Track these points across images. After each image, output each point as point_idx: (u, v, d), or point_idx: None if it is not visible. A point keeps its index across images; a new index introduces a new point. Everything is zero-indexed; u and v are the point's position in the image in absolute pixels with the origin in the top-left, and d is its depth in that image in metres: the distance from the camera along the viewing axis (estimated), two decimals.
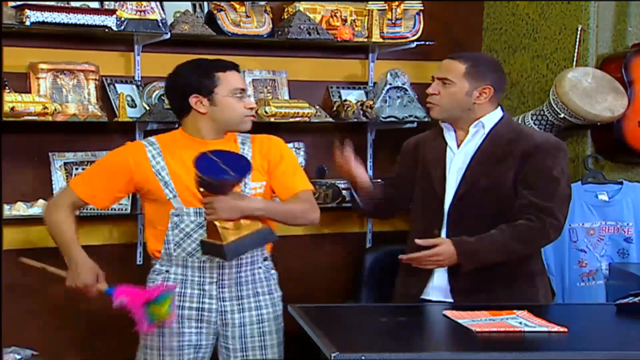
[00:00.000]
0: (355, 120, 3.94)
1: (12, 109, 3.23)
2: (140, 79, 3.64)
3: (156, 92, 3.65)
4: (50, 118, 3.33)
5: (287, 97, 3.91)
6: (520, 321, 2.57)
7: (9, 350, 2.43)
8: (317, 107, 3.92)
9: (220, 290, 2.87)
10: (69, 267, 2.84)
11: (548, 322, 2.54)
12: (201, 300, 2.85)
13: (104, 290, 2.79)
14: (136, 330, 2.70)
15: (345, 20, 3.95)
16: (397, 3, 3.95)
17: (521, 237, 2.88)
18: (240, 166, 2.68)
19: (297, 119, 3.75)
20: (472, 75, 2.94)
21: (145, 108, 3.60)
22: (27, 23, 3.24)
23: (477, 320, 2.59)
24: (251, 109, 2.89)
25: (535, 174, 2.90)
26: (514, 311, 2.67)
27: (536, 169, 2.90)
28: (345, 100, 3.95)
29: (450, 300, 2.95)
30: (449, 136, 3.02)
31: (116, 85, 3.60)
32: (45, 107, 3.30)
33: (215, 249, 2.69)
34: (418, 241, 2.85)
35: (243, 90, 2.87)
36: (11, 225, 3.41)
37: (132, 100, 3.61)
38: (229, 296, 2.88)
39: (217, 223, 2.66)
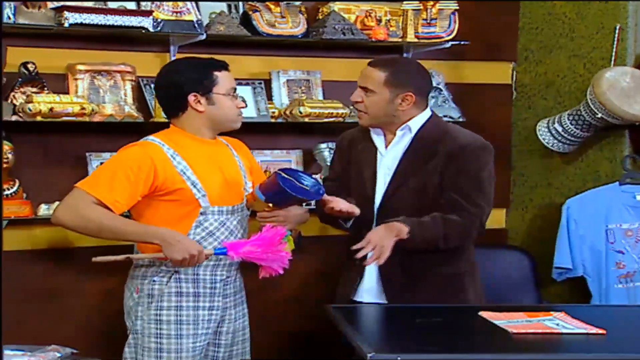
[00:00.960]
0: None
1: (51, 109, 3.28)
2: None
3: None
4: (87, 118, 3.37)
5: (321, 98, 3.92)
6: (557, 322, 2.56)
7: (49, 348, 2.46)
8: (351, 107, 3.92)
9: (225, 287, 2.89)
10: (163, 245, 2.69)
11: (586, 324, 2.53)
12: (212, 298, 2.85)
13: (213, 253, 2.75)
14: (269, 275, 2.76)
15: (380, 20, 3.95)
16: (432, 3, 3.95)
17: (452, 227, 2.85)
18: (315, 187, 2.82)
19: (331, 119, 3.76)
20: (393, 83, 2.88)
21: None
22: (66, 24, 3.28)
23: (513, 322, 2.58)
24: (242, 108, 2.92)
25: (461, 174, 2.87)
26: (551, 312, 2.66)
27: (462, 169, 2.88)
28: None
29: (383, 301, 2.95)
30: (378, 139, 2.98)
31: (152, 86, 3.62)
32: (82, 108, 3.34)
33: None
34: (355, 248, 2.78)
35: (235, 89, 2.90)
36: (47, 225, 3.45)
37: None
38: (231, 292, 2.92)
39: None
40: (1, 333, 1.31)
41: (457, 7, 4.01)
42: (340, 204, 2.83)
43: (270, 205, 2.82)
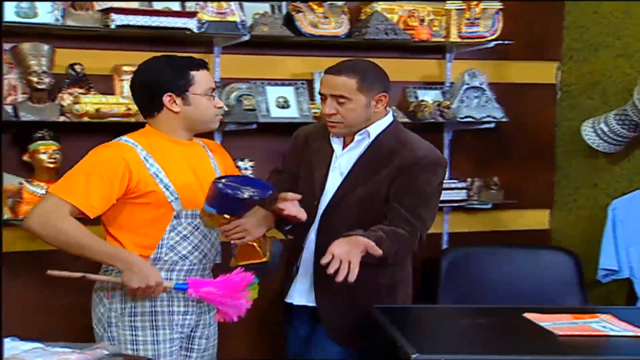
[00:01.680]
0: (432, 120, 3.93)
1: (97, 110, 3.33)
2: (219, 80, 3.70)
3: (235, 93, 3.70)
4: (133, 119, 3.40)
5: None
6: (604, 325, 2.54)
7: (95, 346, 2.49)
8: (394, 107, 3.93)
9: None
10: (124, 270, 2.61)
11: (633, 327, 2.50)
12: (186, 303, 2.78)
13: (173, 287, 2.67)
14: (228, 320, 2.67)
15: (423, 20, 3.95)
16: (475, 2, 3.93)
17: (401, 243, 2.73)
18: (261, 185, 2.71)
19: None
20: (365, 87, 2.78)
21: (224, 109, 3.66)
22: (112, 26, 3.32)
23: (559, 324, 2.57)
24: (220, 108, 2.84)
25: (409, 187, 2.78)
26: (597, 314, 2.64)
27: (410, 182, 2.79)
28: (422, 101, 3.95)
29: (313, 304, 2.88)
30: (336, 140, 2.89)
31: None
32: (128, 109, 3.39)
33: (261, 268, 2.73)
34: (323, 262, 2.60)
35: (214, 89, 2.81)
36: (96, 224, 3.49)
37: None
38: None
39: (253, 243, 2.74)
40: (1, 333, 1.30)
41: (502, 7, 3.99)
42: (290, 208, 2.73)
43: (227, 216, 2.69)
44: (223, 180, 2.62)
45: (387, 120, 2.87)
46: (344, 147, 2.88)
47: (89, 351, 2.30)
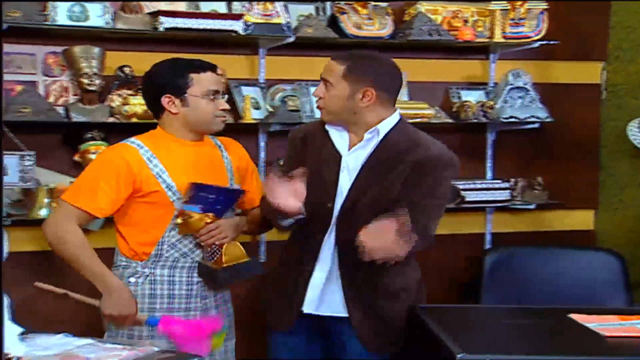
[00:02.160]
0: (475, 120, 3.94)
1: (146, 111, 3.34)
2: (264, 81, 3.74)
3: (279, 94, 3.75)
4: None
5: (406, 99, 3.93)
6: None
7: (146, 343, 2.53)
8: (437, 108, 3.94)
9: (203, 288, 2.82)
10: (104, 294, 2.69)
11: None
12: (188, 300, 2.79)
13: (145, 320, 2.68)
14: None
15: (467, 21, 3.95)
16: (520, 2, 3.93)
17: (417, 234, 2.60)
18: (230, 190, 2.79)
19: (417, 120, 3.76)
20: (351, 76, 2.65)
21: (268, 110, 3.70)
22: (160, 29, 3.38)
23: (606, 325, 2.55)
24: (224, 110, 2.80)
25: (420, 186, 2.68)
26: None
27: (422, 181, 2.68)
28: (466, 101, 3.95)
29: (345, 314, 2.74)
30: (339, 140, 2.75)
31: (241, 87, 3.70)
32: None
33: (209, 272, 2.74)
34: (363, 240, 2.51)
35: (217, 91, 2.79)
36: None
37: (257, 102, 3.70)
38: (210, 293, 2.84)
39: (237, 242, 2.76)
40: (2, 332, 1.34)
41: (547, 7, 3.97)
42: (286, 203, 2.58)
43: (210, 216, 2.71)
44: (197, 184, 2.69)
45: (395, 118, 2.73)
46: (350, 146, 2.74)
47: (140, 347, 2.35)
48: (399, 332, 2.78)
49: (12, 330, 1.64)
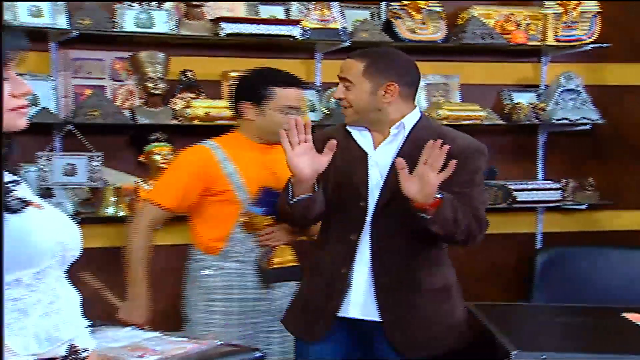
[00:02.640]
0: (527, 122, 3.90)
1: (207, 113, 3.41)
2: (320, 84, 3.74)
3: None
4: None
5: (459, 101, 3.91)
6: None
7: (209, 336, 2.56)
8: (489, 110, 3.91)
9: None
10: (128, 299, 2.82)
11: None
12: (258, 290, 2.85)
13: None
14: None
15: (519, 24, 3.91)
16: (573, 5, 3.87)
17: (467, 216, 2.49)
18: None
19: (469, 122, 3.75)
20: (372, 72, 2.52)
21: (324, 112, 3.71)
22: (222, 34, 3.40)
23: None
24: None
25: (461, 177, 2.50)
26: None
27: (462, 172, 2.50)
28: (518, 103, 3.91)
29: (378, 319, 2.54)
30: (363, 140, 2.59)
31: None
32: None
33: (260, 270, 2.81)
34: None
35: (293, 107, 2.83)
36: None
37: (313, 104, 3.71)
38: (278, 284, 2.90)
39: (289, 246, 2.84)
40: (2, 331, 1.36)
41: (600, 10, 3.91)
42: (302, 170, 2.46)
43: (269, 219, 2.78)
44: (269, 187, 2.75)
45: (417, 114, 2.60)
46: (375, 145, 2.58)
47: (203, 341, 2.38)
48: (439, 334, 2.57)
49: (81, 323, 1.67)
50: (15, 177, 1.59)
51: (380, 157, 2.57)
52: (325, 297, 2.59)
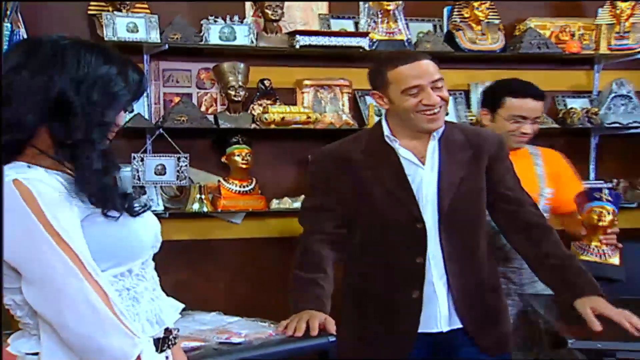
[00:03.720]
0: (581, 126, 3.83)
1: (282, 118, 3.43)
2: None
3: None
4: (311, 126, 3.49)
5: None
6: None
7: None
8: (544, 115, 3.85)
9: None
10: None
11: None
12: None
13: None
14: None
15: (574, 35, 3.86)
16: (625, 16, 3.79)
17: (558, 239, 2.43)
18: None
19: None
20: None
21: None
22: (296, 46, 3.42)
23: None
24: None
25: (505, 170, 2.43)
26: None
27: (508, 168, 2.45)
28: (571, 108, 3.85)
29: (460, 326, 2.38)
30: (407, 152, 2.35)
31: (365, 97, 3.70)
32: (308, 117, 3.47)
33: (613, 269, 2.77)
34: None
35: (523, 117, 2.78)
36: (278, 217, 3.61)
37: (379, 110, 3.71)
38: None
39: None
40: (1, 331, 1.41)
41: None
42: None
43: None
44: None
45: None
46: (419, 155, 2.35)
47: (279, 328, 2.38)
48: (510, 328, 2.52)
49: (174, 305, 1.70)
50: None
51: (429, 169, 2.35)
52: (397, 320, 2.37)
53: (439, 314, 2.37)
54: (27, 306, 1.48)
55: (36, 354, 1.50)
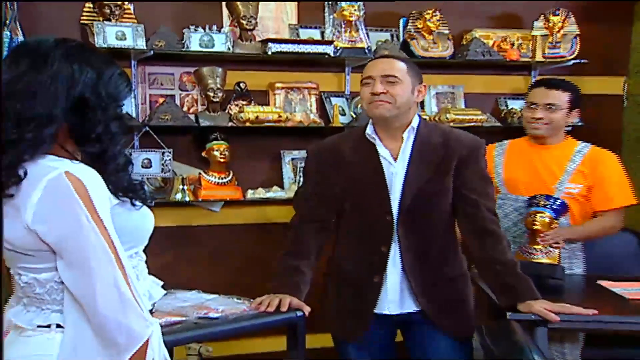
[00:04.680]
0: (519, 125, 3.85)
1: (257, 117, 3.41)
2: (349, 93, 3.74)
3: (360, 102, 3.74)
4: (282, 124, 3.48)
5: (463, 107, 3.89)
6: None
7: None
8: (488, 114, 3.89)
9: None
10: None
11: None
12: None
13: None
14: None
15: (513, 44, 3.89)
16: (557, 29, 3.82)
17: (508, 249, 2.36)
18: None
19: (472, 124, 3.73)
20: (411, 74, 2.34)
21: (352, 116, 3.70)
22: (269, 52, 3.41)
23: (629, 289, 2.50)
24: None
25: (474, 174, 2.35)
26: None
27: (477, 172, 2.36)
28: (512, 109, 3.89)
29: (416, 309, 2.38)
30: (383, 149, 2.36)
31: (331, 98, 3.72)
32: (279, 116, 3.46)
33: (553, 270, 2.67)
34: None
35: (535, 103, 2.88)
36: (253, 206, 3.61)
37: (343, 110, 3.72)
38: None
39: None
40: (1, 330, 1.39)
41: (579, 32, 3.87)
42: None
43: (556, 222, 2.76)
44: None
45: (417, 117, 2.39)
46: (393, 153, 2.35)
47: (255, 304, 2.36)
48: (471, 312, 2.45)
49: (157, 282, 1.70)
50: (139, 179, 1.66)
51: (399, 165, 2.35)
52: (360, 301, 2.38)
53: (387, 298, 2.37)
54: (50, 284, 1.47)
55: (48, 326, 1.50)
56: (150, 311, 1.65)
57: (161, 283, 1.71)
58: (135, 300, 1.44)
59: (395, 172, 2.35)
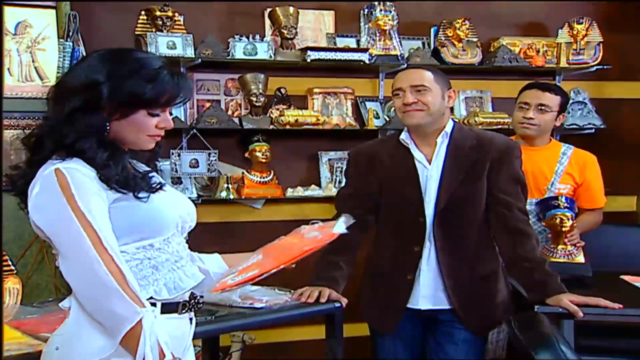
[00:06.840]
0: None
1: (296, 120, 3.42)
2: (383, 97, 3.72)
3: (394, 107, 3.72)
4: (320, 127, 3.48)
5: (491, 110, 3.84)
6: None
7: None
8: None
9: None
10: None
11: None
12: None
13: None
14: None
15: (539, 51, 3.83)
16: (581, 36, 3.76)
17: (536, 251, 2.31)
18: None
19: (499, 127, 3.68)
20: (439, 81, 2.31)
21: (385, 119, 3.69)
22: (308, 60, 3.40)
23: None
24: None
25: (508, 177, 2.30)
26: None
27: (509, 174, 2.30)
28: None
29: (448, 307, 2.33)
30: (418, 153, 2.33)
31: (366, 102, 3.70)
32: (317, 119, 3.46)
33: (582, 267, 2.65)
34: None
35: (526, 103, 2.84)
36: (292, 203, 3.60)
37: (377, 113, 3.70)
38: None
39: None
40: (2, 330, 1.42)
41: (602, 40, 3.79)
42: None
43: None
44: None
45: (451, 122, 2.36)
46: (428, 158, 2.32)
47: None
48: (497, 310, 2.37)
49: (195, 276, 1.67)
50: (147, 168, 1.63)
51: (434, 168, 2.32)
52: (393, 296, 2.36)
53: (421, 294, 2.35)
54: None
55: (69, 308, 1.57)
56: (198, 301, 1.64)
57: (200, 277, 1.65)
58: (120, 287, 1.44)
59: (430, 175, 2.32)
